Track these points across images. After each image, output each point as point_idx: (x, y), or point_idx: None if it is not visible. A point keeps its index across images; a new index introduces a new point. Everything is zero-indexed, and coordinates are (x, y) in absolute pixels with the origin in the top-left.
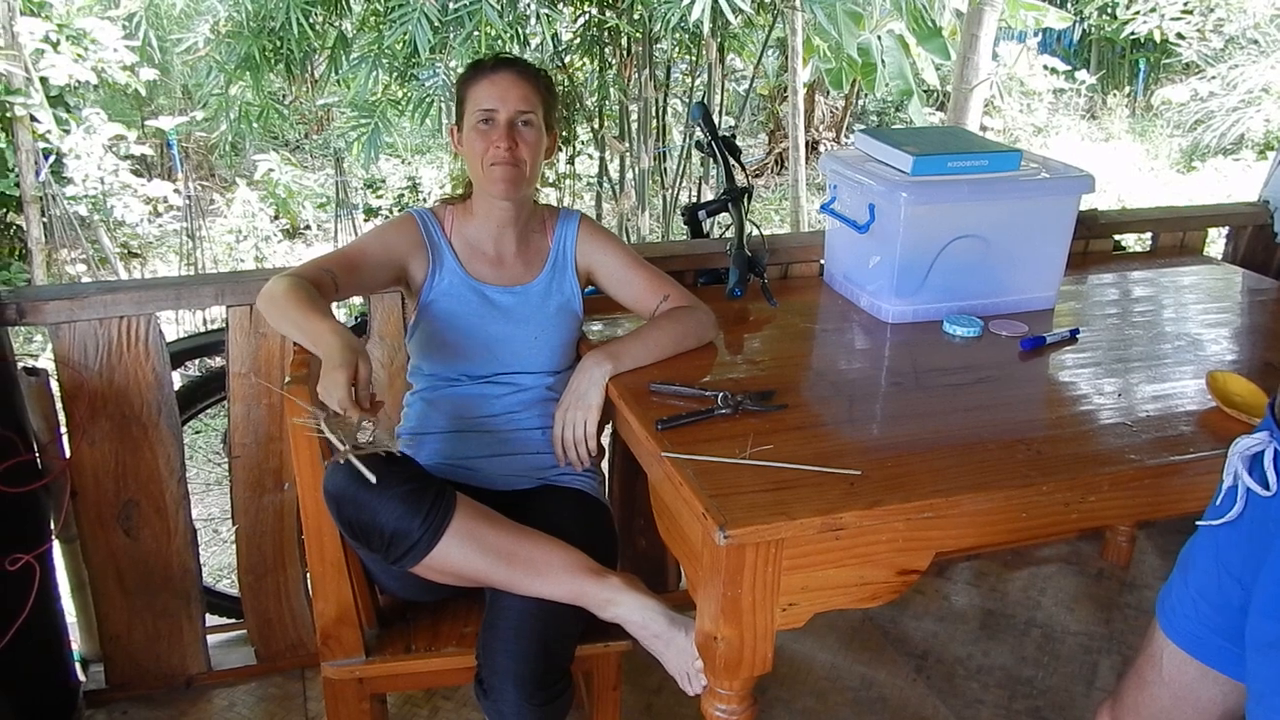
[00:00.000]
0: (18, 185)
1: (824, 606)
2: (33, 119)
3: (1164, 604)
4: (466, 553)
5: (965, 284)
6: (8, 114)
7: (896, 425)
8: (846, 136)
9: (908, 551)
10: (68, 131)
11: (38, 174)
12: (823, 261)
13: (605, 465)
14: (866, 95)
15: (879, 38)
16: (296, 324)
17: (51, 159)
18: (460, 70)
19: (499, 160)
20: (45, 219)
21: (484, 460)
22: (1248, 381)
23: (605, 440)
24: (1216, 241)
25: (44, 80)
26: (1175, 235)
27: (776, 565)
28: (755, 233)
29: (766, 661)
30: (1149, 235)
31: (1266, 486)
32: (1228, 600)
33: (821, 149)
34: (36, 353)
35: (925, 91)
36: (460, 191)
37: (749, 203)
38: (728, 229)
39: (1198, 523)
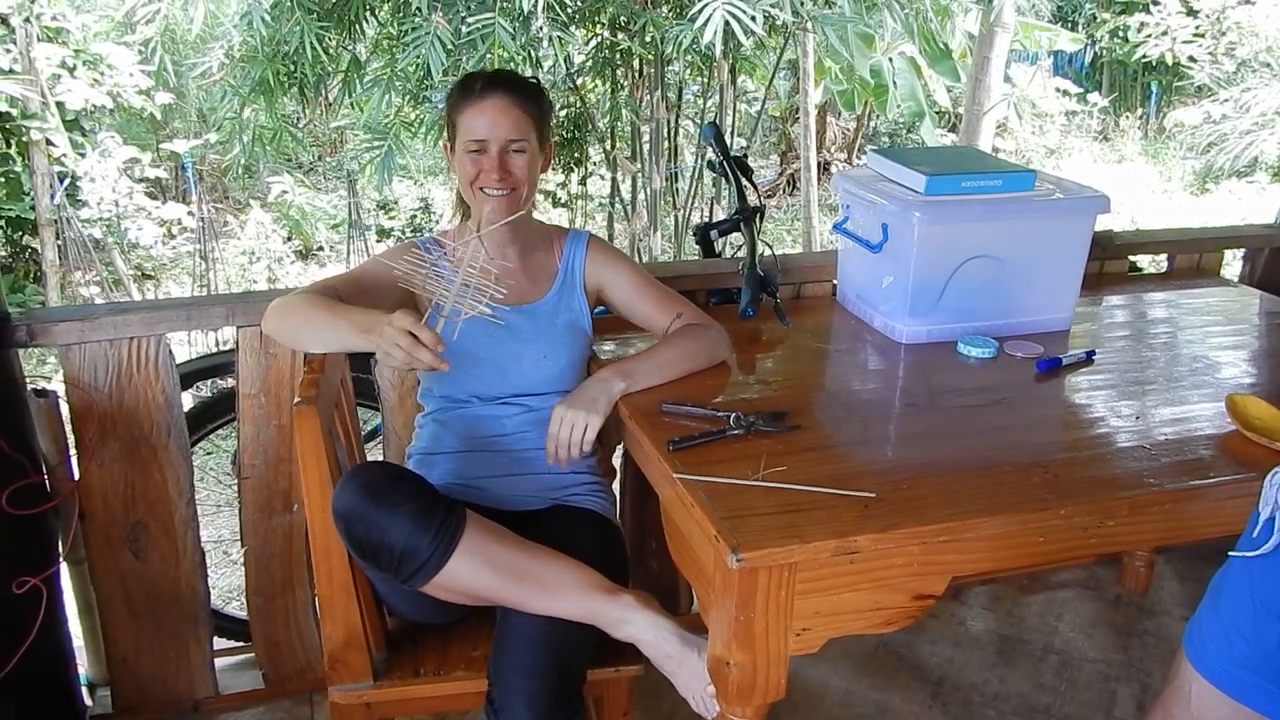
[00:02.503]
0: (33, 208)
1: (838, 632)
2: (49, 143)
3: (1193, 636)
4: (477, 570)
5: (980, 304)
6: (24, 138)
7: (911, 447)
8: (858, 157)
9: (923, 576)
10: (83, 155)
11: (53, 197)
12: (836, 281)
13: (616, 486)
14: (878, 117)
15: (890, 60)
16: (325, 321)
17: (66, 182)
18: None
19: (491, 187)
20: (60, 242)
21: (495, 480)
22: (1268, 405)
23: (616, 461)
24: (1232, 264)
25: (60, 105)
26: (1191, 257)
27: (790, 589)
28: (768, 252)
29: (780, 688)
30: (1164, 257)
31: None
32: (1264, 636)
33: (833, 170)
34: (50, 374)
35: (937, 113)
36: (462, 218)
37: (761, 222)
38: (740, 249)
39: (1231, 554)
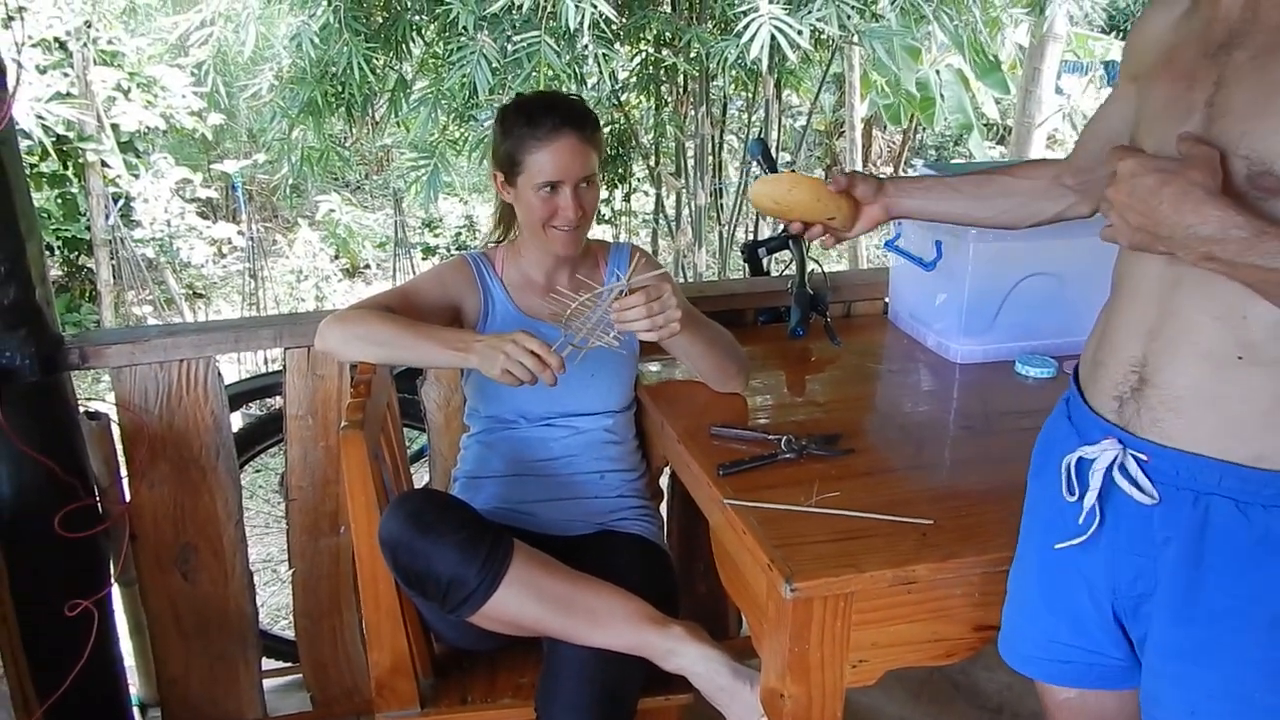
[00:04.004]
0: (89, 229)
1: (896, 664)
2: (104, 164)
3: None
4: (524, 601)
5: (1038, 322)
6: (80, 160)
7: (968, 471)
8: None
9: (984, 606)
10: (137, 176)
11: (108, 217)
12: (887, 299)
13: (664, 508)
14: (925, 130)
15: (937, 72)
16: (408, 342)
17: (121, 203)
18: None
19: (565, 224)
20: (114, 261)
21: (542, 505)
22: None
23: (664, 482)
24: None
25: (115, 127)
26: None
27: (846, 620)
28: (817, 270)
29: None
30: None
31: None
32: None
33: None
34: (104, 393)
35: (985, 126)
36: (510, 236)
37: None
38: (788, 266)
39: (1057, 546)
